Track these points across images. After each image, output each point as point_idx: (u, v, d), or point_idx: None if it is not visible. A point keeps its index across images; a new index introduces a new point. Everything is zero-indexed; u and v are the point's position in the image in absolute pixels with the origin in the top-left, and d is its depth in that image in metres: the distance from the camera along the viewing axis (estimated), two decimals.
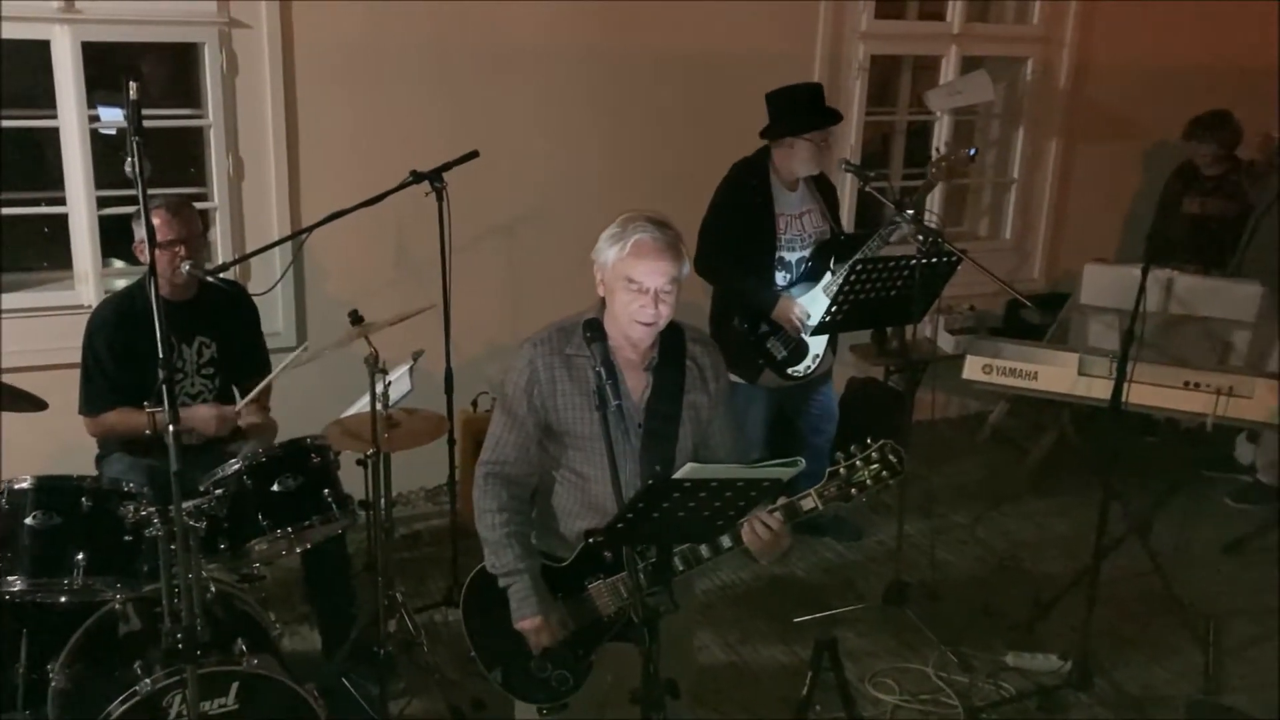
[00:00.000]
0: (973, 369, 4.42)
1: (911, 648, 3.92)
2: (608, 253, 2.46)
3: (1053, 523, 4.93)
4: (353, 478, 3.48)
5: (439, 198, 3.80)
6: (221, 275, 3.51)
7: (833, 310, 3.94)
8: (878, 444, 2.42)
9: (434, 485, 4.94)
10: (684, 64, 4.96)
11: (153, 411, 3.27)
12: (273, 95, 4.34)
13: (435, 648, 3.73)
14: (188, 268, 3.35)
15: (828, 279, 4.15)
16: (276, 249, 4.06)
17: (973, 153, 4.51)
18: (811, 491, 2.43)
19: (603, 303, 2.52)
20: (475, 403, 4.67)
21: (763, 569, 4.33)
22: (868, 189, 4.13)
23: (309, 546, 3.35)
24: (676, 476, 2.16)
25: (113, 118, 4.26)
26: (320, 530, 3.30)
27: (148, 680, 2.70)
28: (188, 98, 4.45)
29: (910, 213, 3.93)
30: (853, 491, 2.42)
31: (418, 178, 3.79)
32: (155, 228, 2.90)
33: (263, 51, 4.29)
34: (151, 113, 4.17)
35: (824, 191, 4.32)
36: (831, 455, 2.46)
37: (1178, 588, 4.08)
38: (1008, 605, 4.19)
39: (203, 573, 2.88)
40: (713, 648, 3.92)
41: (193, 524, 2.79)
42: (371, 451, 3.24)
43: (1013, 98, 5.97)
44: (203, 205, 4.32)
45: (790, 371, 4.26)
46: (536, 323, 2.62)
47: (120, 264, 4.48)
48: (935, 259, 3.85)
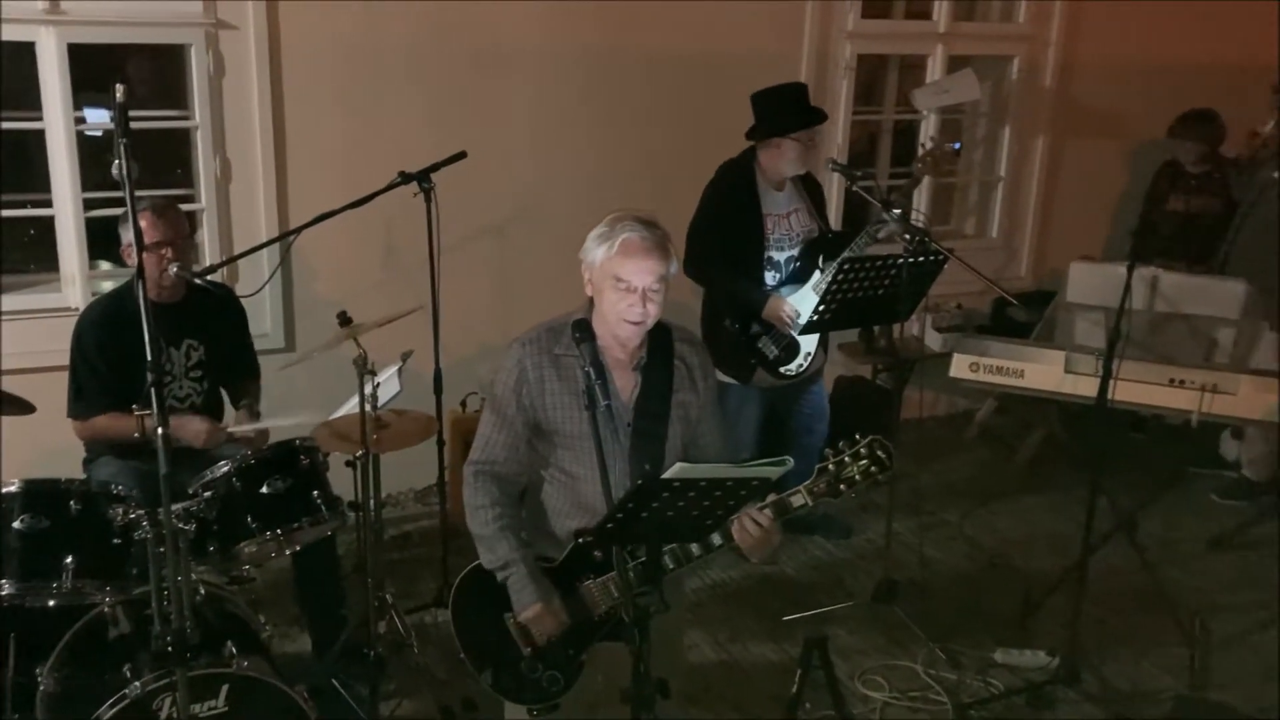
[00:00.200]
0: (960, 367, 4.43)
1: (901, 645, 3.93)
2: (595, 252, 2.47)
3: (1041, 520, 4.95)
4: (342, 479, 3.49)
5: (427, 198, 3.80)
6: (209, 277, 3.50)
7: (820, 309, 3.95)
8: (866, 440, 2.43)
9: (423, 486, 4.92)
10: (671, 64, 4.96)
11: (142, 415, 3.25)
12: (260, 96, 4.33)
13: (425, 649, 3.72)
14: (175, 270, 3.33)
15: (817, 277, 4.15)
16: (264, 250, 4.05)
17: (958, 146, 4.53)
18: (801, 488, 2.43)
19: (591, 303, 2.53)
20: (464, 403, 4.67)
21: (752, 567, 4.32)
22: (855, 188, 4.14)
23: (298, 548, 3.34)
24: (666, 476, 2.16)
25: (99, 119, 4.25)
26: (310, 532, 3.30)
27: (137, 683, 2.69)
28: (174, 99, 4.44)
29: (897, 212, 3.95)
30: (842, 488, 2.42)
31: (406, 178, 3.80)
32: (142, 230, 2.89)
33: (249, 52, 4.28)
34: (138, 114, 4.15)
35: (810, 191, 4.33)
36: (821, 453, 2.47)
37: (1165, 584, 4.11)
38: (996, 602, 4.20)
39: (192, 575, 2.87)
40: (703, 646, 3.92)
41: (182, 526, 2.77)
42: (361, 453, 3.23)
43: (999, 96, 5.98)
44: (190, 207, 4.31)
45: (783, 370, 4.27)
46: (525, 323, 2.62)
47: (107, 266, 4.46)
48: (922, 257, 3.87)
